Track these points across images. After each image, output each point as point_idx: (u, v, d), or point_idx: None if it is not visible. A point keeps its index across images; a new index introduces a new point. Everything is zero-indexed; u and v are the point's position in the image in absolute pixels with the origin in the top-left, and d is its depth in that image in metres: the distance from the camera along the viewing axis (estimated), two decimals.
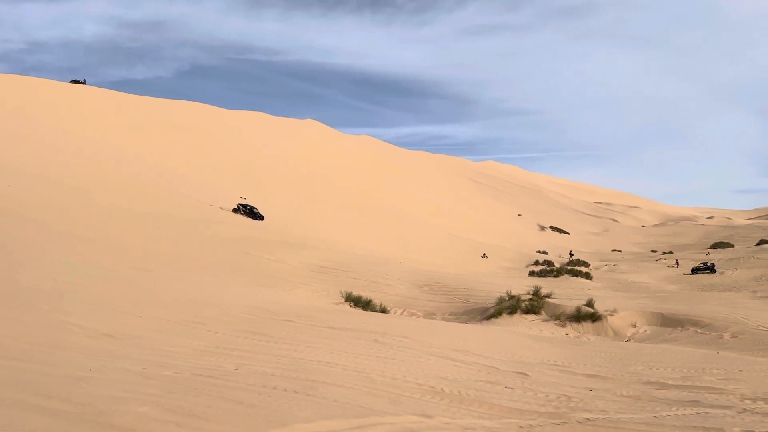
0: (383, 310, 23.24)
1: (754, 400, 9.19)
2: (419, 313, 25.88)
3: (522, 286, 32.43)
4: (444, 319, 25.48)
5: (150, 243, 25.51)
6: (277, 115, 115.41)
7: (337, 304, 22.53)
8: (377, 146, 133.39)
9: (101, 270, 16.21)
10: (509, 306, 24.68)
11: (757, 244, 74.02)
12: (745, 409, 8.53)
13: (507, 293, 26.62)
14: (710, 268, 50.62)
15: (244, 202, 46.42)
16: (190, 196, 42.72)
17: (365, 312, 21.15)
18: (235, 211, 44.88)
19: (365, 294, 24.67)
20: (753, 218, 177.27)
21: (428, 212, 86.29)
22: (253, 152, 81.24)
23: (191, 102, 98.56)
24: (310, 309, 17.22)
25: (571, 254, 71.32)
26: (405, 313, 25.34)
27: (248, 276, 25.46)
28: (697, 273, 50.24)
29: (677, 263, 59.39)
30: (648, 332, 23.37)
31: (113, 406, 5.19)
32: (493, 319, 24.04)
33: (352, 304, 22.63)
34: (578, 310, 24.06)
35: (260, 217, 44.98)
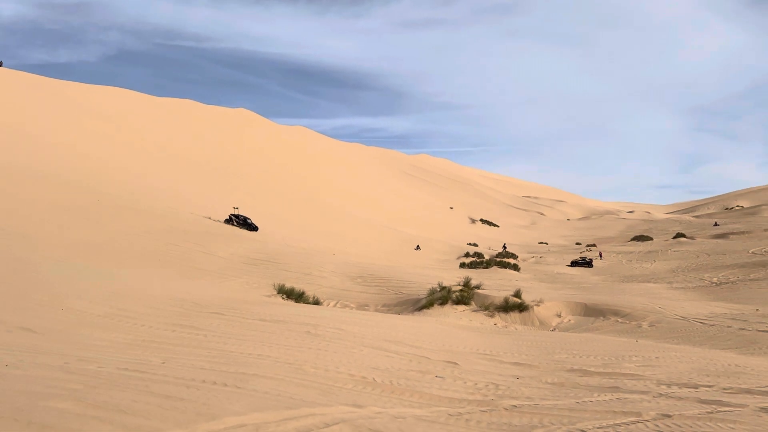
0: (316, 302, 23.18)
1: (669, 385, 9.70)
2: (352, 305, 25.95)
3: (453, 277, 33.00)
4: (377, 310, 25.64)
5: (71, 233, 24.52)
6: (207, 104, 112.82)
7: (269, 296, 22.31)
8: (311, 137, 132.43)
9: (19, 262, 15.47)
10: (440, 297, 25.06)
11: (674, 238, 77.89)
12: (660, 394, 8.98)
13: (438, 285, 27.01)
14: (588, 263, 52.75)
15: (236, 212, 44.73)
16: (115, 186, 41.23)
17: (298, 304, 21.03)
18: (227, 222, 43.05)
19: (298, 286, 24.52)
20: (671, 212, 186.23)
21: (362, 204, 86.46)
22: (182, 141, 79.11)
23: (117, 88, 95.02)
24: (241, 301, 16.99)
25: (504, 247, 72.99)
26: (338, 305, 25.35)
27: (177, 268, 24.85)
28: (575, 266, 52.29)
29: (600, 255, 61.75)
30: (572, 322, 24.23)
31: (32, 402, 4.98)
32: (424, 310, 24.36)
33: (284, 296, 22.45)
34: (506, 300, 24.69)
35: (255, 228, 43.33)
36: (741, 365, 12.30)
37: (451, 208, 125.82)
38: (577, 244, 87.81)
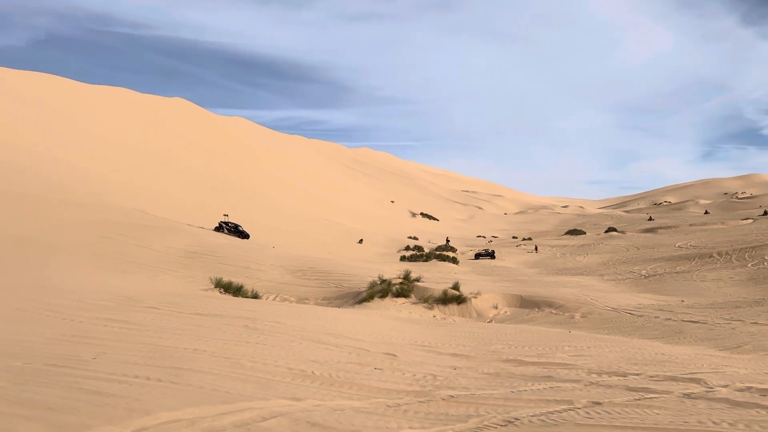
0: (255, 296, 22.89)
1: (599, 374, 10.04)
2: (292, 299, 25.75)
3: (394, 270, 33.18)
4: (317, 303, 25.53)
5: None
6: (143, 92, 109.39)
7: (206, 290, 21.90)
8: (251, 129, 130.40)
9: None
10: (381, 290, 25.16)
11: (606, 232, 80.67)
12: (591, 382, 9.29)
13: (379, 278, 27.11)
14: (491, 255, 54.03)
15: (226, 219, 43.09)
16: (42, 175, 39.56)
17: (236, 298, 20.72)
18: (217, 229, 41.49)
19: (236, 280, 24.16)
20: (603, 207, 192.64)
21: (303, 197, 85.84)
22: (115, 130, 76.57)
23: (46, 74, 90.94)
24: (176, 295, 16.61)
25: (447, 241, 73.86)
26: (277, 299, 25.11)
27: (110, 261, 24.08)
28: (479, 258, 53.76)
29: (536, 249, 63.33)
30: (508, 313, 24.78)
31: None
32: (365, 303, 24.41)
33: (222, 290, 22.08)
34: (445, 293, 25.02)
35: (246, 236, 42.11)
36: (667, 354, 12.85)
37: (393, 201, 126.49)
38: (514, 237, 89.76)
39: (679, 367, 11.05)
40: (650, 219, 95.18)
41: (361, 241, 61.28)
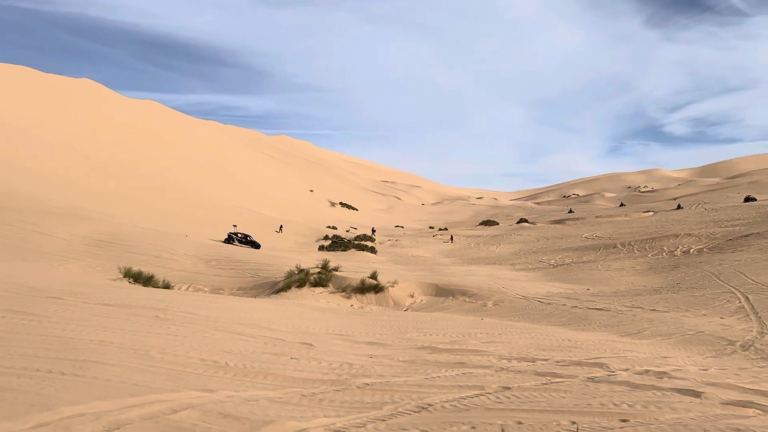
0: (166, 286, 22.21)
1: (509, 360, 10.38)
2: (206, 289, 25.16)
3: (312, 260, 33.01)
4: (232, 294, 25.06)
5: None
6: (46, 72, 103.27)
7: (115, 280, 21.06)
8: (163, 113, 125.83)
9: None
10: (298, 279, 24.98)
11: (518, 223, 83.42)
12: (502, 368, 9.59)
13: (297, 267, 26.90)
14: (252, 243, 51.04)
15: (236, 230, 43.08)
16: None
17: (146, 288, 20.02)
18: (227, 241, 41.30)
19: (147, 269, 23.36)
20: (515, 199, 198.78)
21: (218, 184, 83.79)
22: (14, 110, 72.02)
23: None
24: (82, 285, 15.86)
25: (373, 231, 73.99)
26: (190, 289, 24.47)
27: (9, 249, 22.71)
28: (229, 243, 50.45)
29: (452, 239, 64.64)
30: (424, 302, 25.19)
31: None
32: (282, 293, 24.17)
33: (131, 280, 21.30)
34: (363, 282, 25.13)
35: (257, 245, 42.29)
36: (573, 340, 13.45)
37: (311, 190, 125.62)
38: (431, 227, 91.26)
39: (584, 352, 11.59)
40: (570, 211, 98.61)
41: (280, 228, 60.67)
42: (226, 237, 42.67)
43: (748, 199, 76.57)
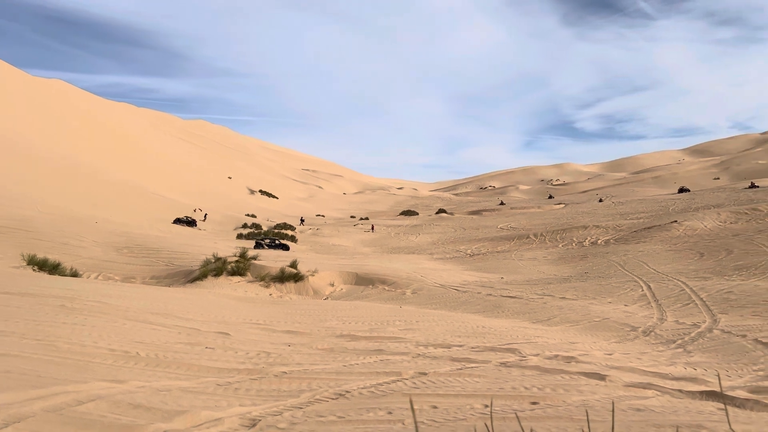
0: (74, 275, 21.23)
1: (426, 346, 10.56)
2: (117, 278, 24.23)
3: (230, 248, 32.39)
4: (145, 282, 24.24)
5: None
6: None
7: (18, 267, 19.92)
8: (72, 93, 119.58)
9: None
10: (215, 268, 24.47)
11: (437, 213, 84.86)
12: (419, 354, 9.74)
13: (213, 255, 26.33)
14: (190, 223, 51.40)
15: (261, 239, 42.79)
16: None
17: (52, 276, 19.05)
18: (257, 247, 40.60)
19: (53, 257, 22.24)
20: (434, 190, 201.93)
21: (130, 169, 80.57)
22: None
23: None
24: None
25: (302, 221, 72.94)
26: (100, 278, 23.49)
27: None
28: (179, 223, 50.74)
29: (372, 228, 64.99)
30: (344, 290, 25.24)
31: None
32: (198, 282, 23.61)
33: (36, 268, 20.21)
34: (282, 271, 24.90)
35: (287, 248, 42.37)
36: (487, 326, 13.84)
37: (230, 177, 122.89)
38: (352, 217, 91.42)
39: (497, 338, 11.95)
40: (550, 197, 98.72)
41: (205, 217, 59.40)
42: (255, 243, 43.07)
43: (681, 190, 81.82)
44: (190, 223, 49.93)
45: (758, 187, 74.34)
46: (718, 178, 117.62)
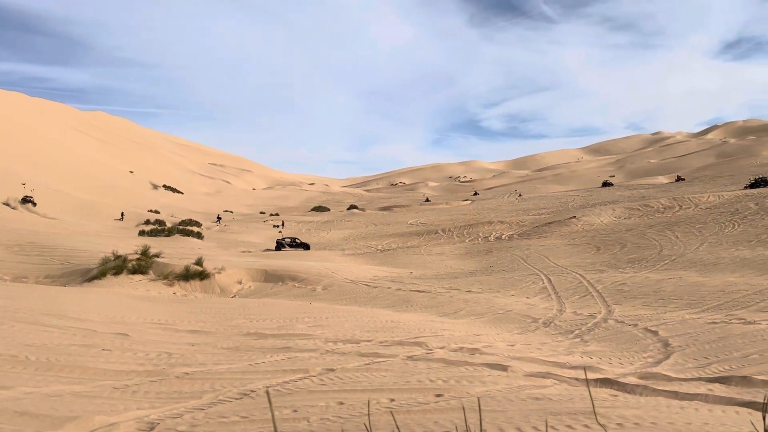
0: None
1: (335, 342, 10.53)
2: (7, 277, 22.72)
3: (131, 245, 31.05)
4: (38, 282, 22.87)
5: None
6: None
7: None
8: None
9: None
10: (115, 266, 23.41)
11: (348, 209, 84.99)
12: (327, 351, 9.70)
13: (113, 253, 25.17)
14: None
15: (282, 236, 43.34)
16: None
17: None
18: (278, 248, 42.70)
19: None
20: (346, 186, 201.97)
21: (21, 162, 75.67)
22: None
23: None
24: None
25: (218, 218, 70.56)
26: None
27: None
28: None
29: (283, 224, 64.24)
30: (252, 288, 24.79)
31: None
32: (96, 281, 22.51)
33: None
34: (187, 269, 24.15)
35: (307, 247, 43.74)
36: (396, 321, 13.98)
37: (131, 171, 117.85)
38: (261, 213, 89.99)
39: (405, 332, 12.09)
40: (519, 195, 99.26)
41: (122, 216, 57.08)
42: (276, 245, 43.60)
43: (605, 184, 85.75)
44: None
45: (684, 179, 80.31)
46: (614, 176, 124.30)
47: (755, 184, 51.50)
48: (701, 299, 16.15)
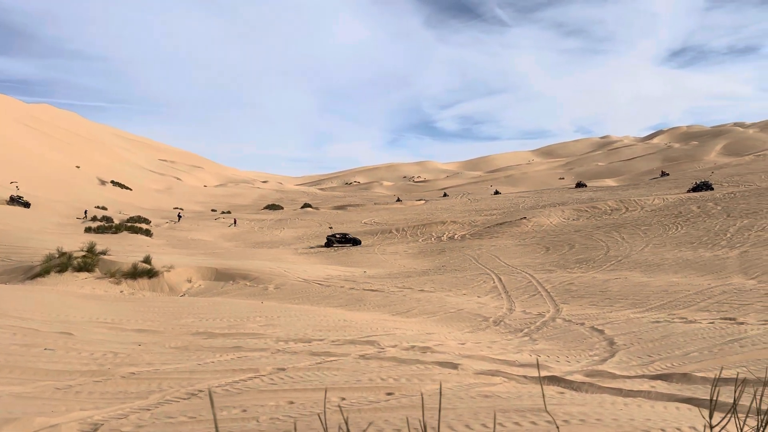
0: None
1: (286, 341, 10.45)
2: None
3: (77, 242, 30.18)
4: None
5: None
6: None
7: None
8: None
9: None
10: (59, 264, 22.71)
11: (302, 207, 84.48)
12: (278, 350, 9.61)
13: (58, 250, 24.41)
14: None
15: (332, 232, 42.96)
16: None
17: None
18: (328, 245, 42.71)
19: None
20: (300, 184, 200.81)
21: None
22: None
23: None
24: None
25: (179, 217, 68.76)
26: None
27: None
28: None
29: (235, 222, 63.40)
30: (203, 286, 24.39)
31: None
32: (39, 279, 21.80)
33: None
34: (135, 266, 23.61)
35: (358, 242, 43.46)
36: (348, 320, 13.96)
37: (78, 167, 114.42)
38: (213, 210, 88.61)
39: (358, 331, 12.09)
40: (496, 192, 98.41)
41: (85, 213, 55.19)
42: (326, 240, 43.33)
43: (579, 185, 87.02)
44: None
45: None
46: (563, 178, 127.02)
47: (697, 188, 53.35)
48: (645, 299, 16.65)
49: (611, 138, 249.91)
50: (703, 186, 53.39)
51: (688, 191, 53.51)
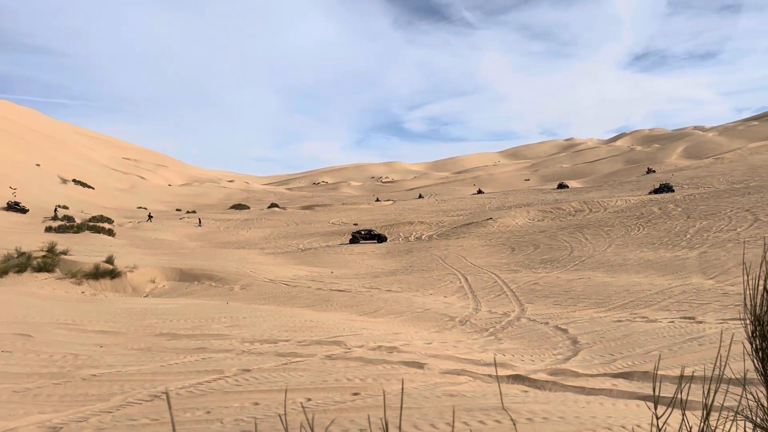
0: None
1: (252, 342, 10.37)
2: None
3: (36, 242, 29.47)
4: None
5: None
6: None
7: None
8: None
9: None
10: (18, 264, 22.17)
11: (269, 207, 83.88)
12: (243, 351, 9.53)
13: (16, 250, 23.80)
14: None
15: (357, 228, 42.92)
16: None
17: None
18: (353, 241, 42.60)
19: None
20: (267, 184, 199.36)
21: None
22: None
23: None
24: None
25: (150, 217, 67.12)
26: None
27: None
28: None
29: (200, 222, 62.61)
30: (167, 287, 24.05)
31: None
32: None
33: None
34: (97, 267, 23.18)
35: (384, 238, 43.03)
36: (315, 320, 13.91)
37: (38, 164, 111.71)
38: (178, 210, 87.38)
39: (325, 331, 12.06)
40: (480, 191, 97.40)
41: (55, 212, 53.65)
42: (351, 236, 43.14)
43: (561, 186, 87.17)
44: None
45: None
46: (529, 179, 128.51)
47: (659, 190, 54.52)
48: (608, 298, 16.95)
49: (576, 140, 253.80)
50: (665, 188, 54.57)
51: (650, 193, 54.66)
